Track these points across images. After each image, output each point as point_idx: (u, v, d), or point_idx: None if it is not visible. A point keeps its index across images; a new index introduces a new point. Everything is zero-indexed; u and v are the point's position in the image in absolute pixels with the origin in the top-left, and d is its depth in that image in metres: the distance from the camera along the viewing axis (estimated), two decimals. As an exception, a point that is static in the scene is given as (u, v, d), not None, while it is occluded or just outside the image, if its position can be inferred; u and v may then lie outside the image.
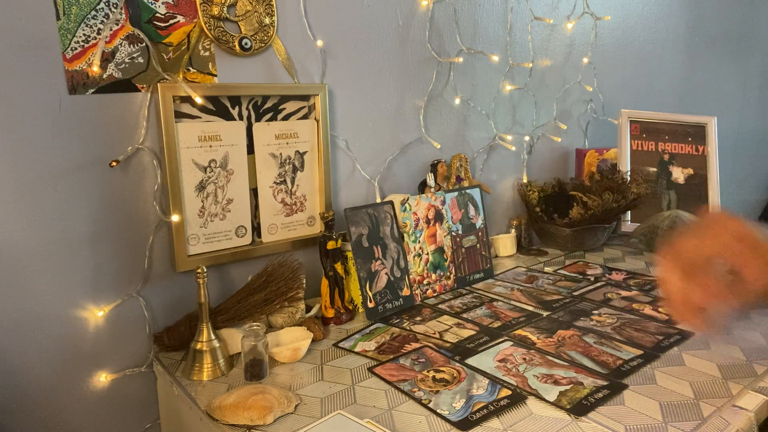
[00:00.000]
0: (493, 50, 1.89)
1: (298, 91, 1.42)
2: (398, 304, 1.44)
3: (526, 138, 2.08)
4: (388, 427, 0.94)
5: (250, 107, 1.36)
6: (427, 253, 1.54)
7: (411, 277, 1.49)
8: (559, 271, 1.73)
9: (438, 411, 0.98)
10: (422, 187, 1.70)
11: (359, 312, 1.44)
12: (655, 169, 2.13)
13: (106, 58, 1.15)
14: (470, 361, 1.16)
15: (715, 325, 0.63)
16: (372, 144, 1.64)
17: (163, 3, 1.21)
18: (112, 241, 1.21)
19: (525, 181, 2.08)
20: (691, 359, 1.16)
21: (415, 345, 1.24)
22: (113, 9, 1.15)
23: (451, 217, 1.61)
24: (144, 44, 1.19)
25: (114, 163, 1.18)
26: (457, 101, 1.83)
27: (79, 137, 1.15)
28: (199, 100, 1.24)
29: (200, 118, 1.29)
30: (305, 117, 1.46)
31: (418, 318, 1.39)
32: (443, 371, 1.12)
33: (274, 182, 1.43)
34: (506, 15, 1.91)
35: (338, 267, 1.39)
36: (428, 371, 1.12)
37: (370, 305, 1.39)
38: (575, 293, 1.54)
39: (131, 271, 1.25)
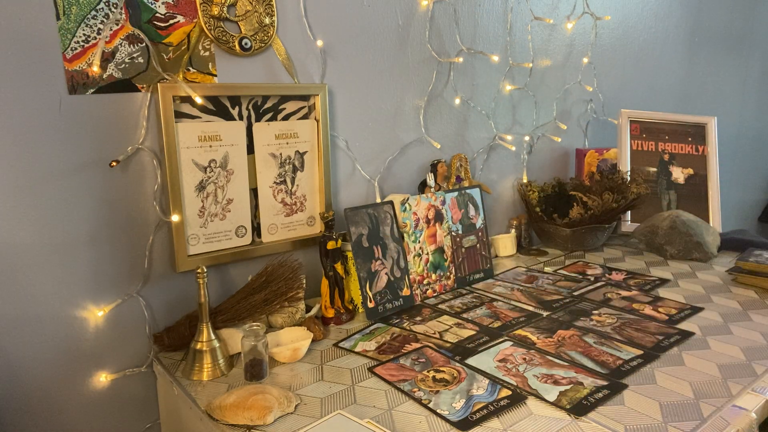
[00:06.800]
0: (493, 50, 1.89)
1: (298, 91, 1.42)
2: (398, 304, 1.44)
3: (526, 138, 2.08)
4: (388, 427, 0.94)
5: (250, 107, 1.36)
6: (427, 253, 1.55)
7: (411, 277, 1.49)
8: (559, 271, 1.73)
9: (438, 411, 0.98)
10: (422, 187, 1.70)
11: (359, 312, 1.44)
12: (655, 169, 2.13)
13: (106, 58, 1.15)
14: (470, 361, 1.16)
15: None
16: (372, 144, 1.64)
17: (163, 3, 1.21)
18: (112, 241, 1.22)
19: (525, 181, 2.08)
20: (691, 359, 1.16)
21: (415, 345, 1.24)
22: (113, 9, 1.15)
23: (451, 217, 1.61)
24: (144, 44, 1.19)
25: (114, 163, 1.18)
26: (457, 101, 1.83)
27: (79, 137, 1.15)
28: (199, 100, 1.24)
29: (200, 118, 1.29)
30: (305, 117, 1.46)
31: (418, 318, 1.39)
32: (443, 371, 1.12)
33: (274, 182, 1.43)
34: (506, 15, 1.91)
35: (338, 267, 1.39)
36: (428, 371, 1.12)
37: (370, 305, 1.39)
38: (575, 293, 1.54)
39: (131, 271, 1.25)
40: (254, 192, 1.41)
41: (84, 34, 1.12)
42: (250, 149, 1.38)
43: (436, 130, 1.80)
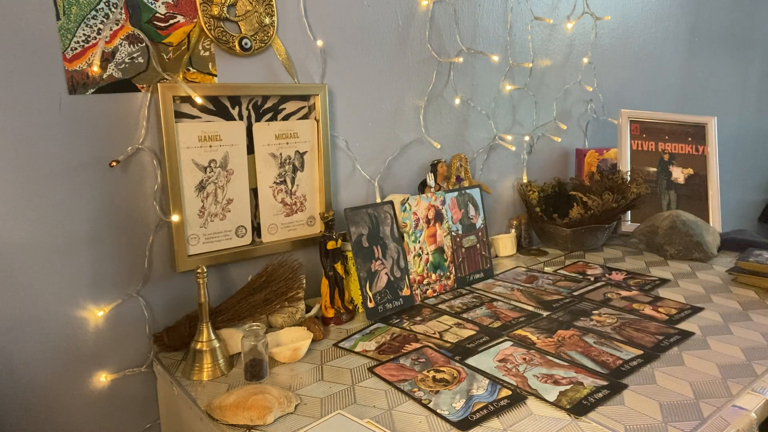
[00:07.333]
0: (493, 50, 1.89)
1: (298, 91, 1.42)
2: (398, 304, 1.44)
3: (526, 138, 2.08)
4: (388, 427, 0.94)
5: (250, 107, 1.36)
6: (427, 253, 1.54)
7: (411, 277, 1.49)
8: (559, 271, 1.73)
9: (438, 411, 0.98)
10: (422, 187, 1.70)
11: (359, 312, 1.44)
12: (655, 169, 2.13)
13: (106, 58, 1.15)
14: (470, 361, 1.16)
15: None
16: (372, 144, 1.64)
17: (163, 3, 1.21)
18: (112, 241, 1.22)
19: (525, 181, 2.08)
20: (691, 359, 1.16)
21: (415, 345, 1.24)
22: (113, 9, 1.15)
23: (451, 217, 1.61)
24: (144, 44, 1.19)
25: (114, 163, 1.18)
26: (457, 101, 1.83)
27: (79, 137, 1.15)
28: (199, 100, 1.24)
29: (200, 118, 1.29)
30: (305, 117, 1.46)
31: (418, 318, 1.39)
32: (443, 371, 1.12)
33: (274, 182, 1.43)
34: (506, 15, 1.91)
35: (338, 267, 1.39)
36: (428, 371, 1.12)
37: (370, 305, 1.39)
38: (575, 293, 1.54)
39: (131, 271, 1.25)
40: (254, 192, 1.41)
41: (84, 34, 1.12)
42: (250, 149, 1.38)
43: (436, 130, 1.80)
